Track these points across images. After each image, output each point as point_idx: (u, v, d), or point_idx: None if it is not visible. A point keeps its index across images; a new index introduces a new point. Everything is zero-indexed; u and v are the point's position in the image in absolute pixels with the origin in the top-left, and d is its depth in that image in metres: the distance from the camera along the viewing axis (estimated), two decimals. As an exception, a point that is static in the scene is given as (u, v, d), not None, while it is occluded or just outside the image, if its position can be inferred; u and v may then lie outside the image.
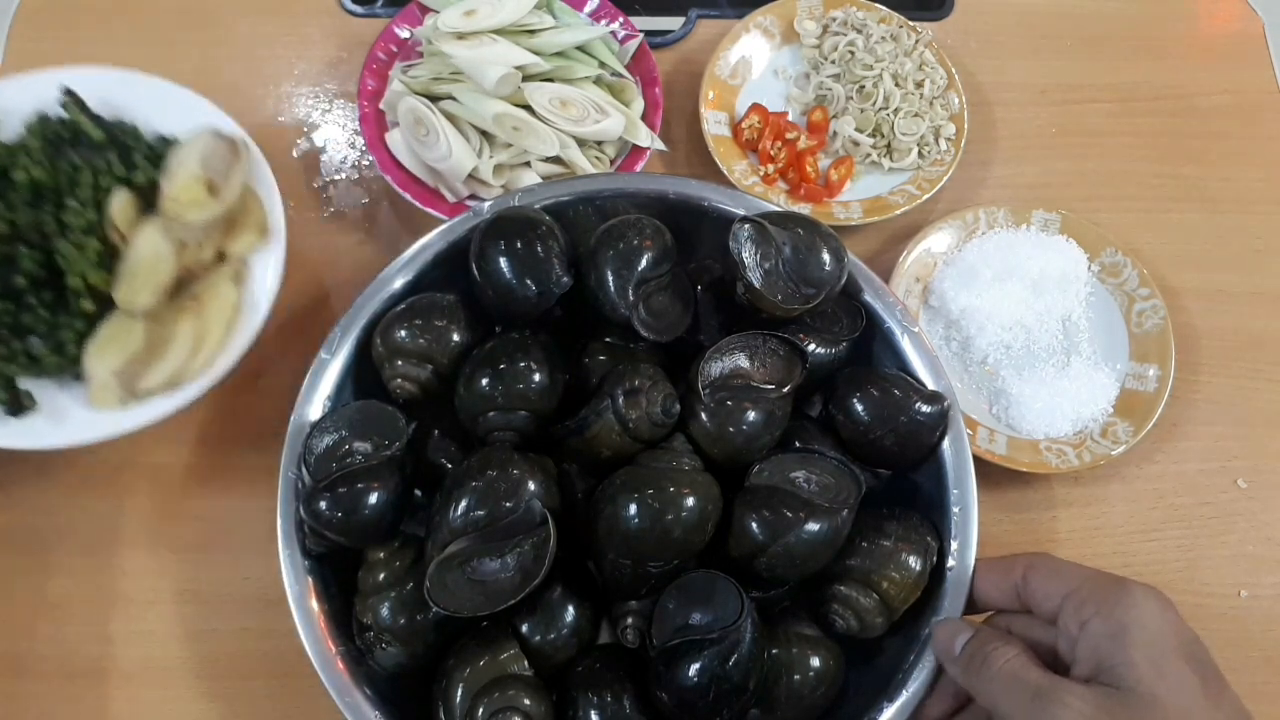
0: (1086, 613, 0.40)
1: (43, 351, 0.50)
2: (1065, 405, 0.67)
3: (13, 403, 0.50)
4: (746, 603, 0.47)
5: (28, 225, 0.51)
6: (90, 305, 0.50)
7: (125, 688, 0.59)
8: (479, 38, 0.71)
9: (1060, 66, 0.83)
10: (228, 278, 0.52)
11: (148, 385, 0.50)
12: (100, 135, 0.53)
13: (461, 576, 0.47)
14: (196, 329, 0.51)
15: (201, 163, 0.53)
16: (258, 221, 0.53)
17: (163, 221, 0.51)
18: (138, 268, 0.50)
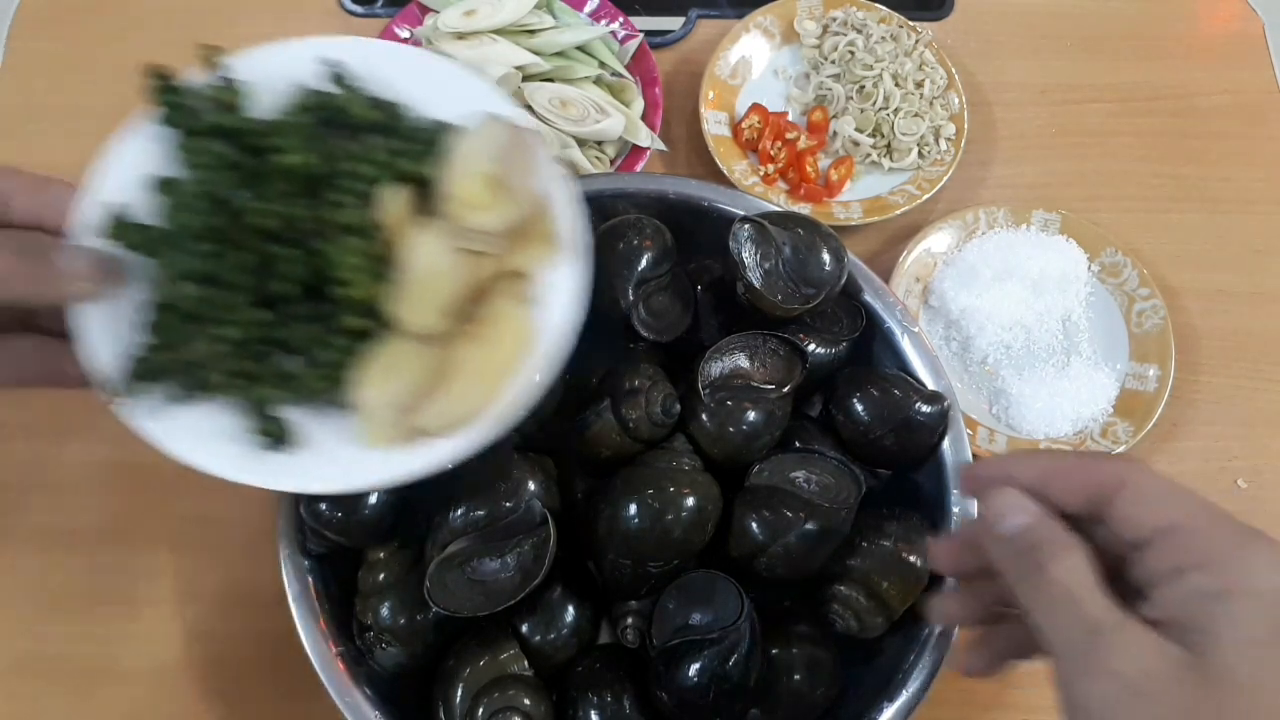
0: (1189, 559, 0.31)
1: (300, 371, 0.40)
2: (1065, 405, 0.67)
3: (271, 433, 0.39)
4: (746, 603, 0.47)
5: (297, 221, 0.40)
6: (358, 321, 0.39)
7: (125, 688, 0.59)
8: (479, 38, 0.71)
9: (1060, 66, 0.83)
10: (516, 297, 0.41)
11: (428, 422, 0.39)
12: (374, 116, 0.41)
13: (461, 576, 0.47)
14: (484, 358, 0.40)
15: (491, 158, 0.40)
16: (553, 231, 0.42)
17: (445, 226, 0.40)
18: (417, 281, 0.39)
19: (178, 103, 0.40)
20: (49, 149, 0.76)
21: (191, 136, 0.40)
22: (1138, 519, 0.33)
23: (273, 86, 0.42)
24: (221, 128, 0.40)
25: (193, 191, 0.39)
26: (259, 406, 0.39)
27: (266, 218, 0.39)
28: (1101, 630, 0.31)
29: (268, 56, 0.43)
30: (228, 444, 0.40)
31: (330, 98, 0.41)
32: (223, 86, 0.41)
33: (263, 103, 0.42)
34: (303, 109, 0.41)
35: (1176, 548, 0.32)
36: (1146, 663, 0.30)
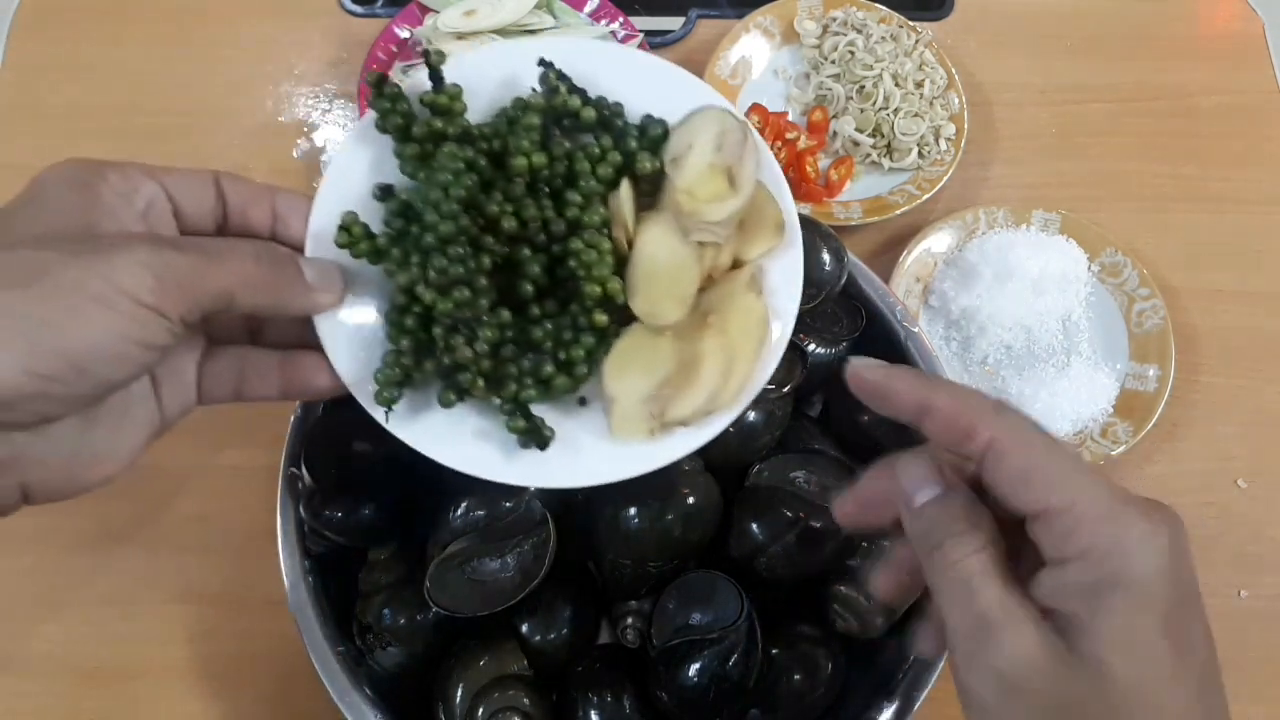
0: (1069, 549, 0.30)
1: (550, 372, 0.40)
2: (1065, 405, 0.67)
3: (534, 433, 0.39)
4: (746, 603, 0.47)
5: (533, 221, 0.40)
6: (604, 318, 0.40)
7: (125, 688, 0.59)
8: (479, 38, 0.71)
9: (1060, 66, 0.83)
10: (747, 286, 0.41)
11: (678, 414, 0.40)
12: (592, 115, 0.42)
13: (461, 576, 0.47)
14: (725, 347, 0.41)
15: (716, 146, 0.41)
16: (772, 219, 0.42)
17: (673, 219, 0.40)
18: (655, 274, 0.40)
19: (396, 109, 0.40)
20: (49, 149, 0.76)
21: (413, 143, 0.40)
22: (1014, 496, 0.31)
23: (483, 89, 0.43)
24: (443, 133, 0.40)
25: (444, 194, 0.38)
26: (523, 405, 0.40)
27: (516, 220, 0.40)
28: (988, 622, 0.30)
29: (479, 58, 0.43)
30: (485, 446, 0.40)
31: (555, 98, 0.42)
32: (438, 90, 0.40)
33: (476, 107, 0.42)
34: (529, 110, 0.41)
35: (1052, 534, 0.31)
36: (1024, 657, 0.29)
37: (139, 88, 0.78)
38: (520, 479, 0.40)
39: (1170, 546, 0.30)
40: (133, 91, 0.78)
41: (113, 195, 0.34)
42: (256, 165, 0.75)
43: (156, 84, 0.78)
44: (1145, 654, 0.29)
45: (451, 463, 0.39)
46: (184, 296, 0.32)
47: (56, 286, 0.30)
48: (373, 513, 0.49)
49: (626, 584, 0.50)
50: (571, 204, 0.40)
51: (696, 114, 0.42)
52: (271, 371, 0.39)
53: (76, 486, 0.34)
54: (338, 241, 0.39)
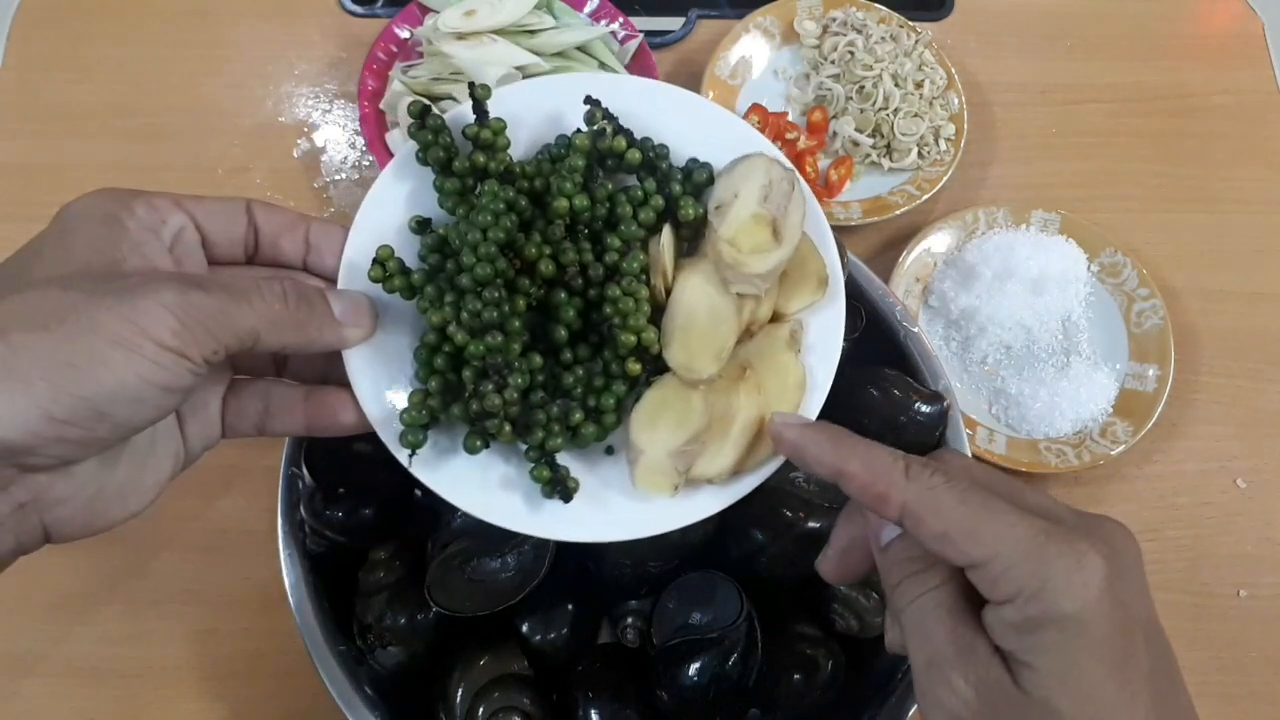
0: (997, 595, 0.30)
1: (579, 419, 0.39)
2: (1065, 405, 0.67)
3: (559, 484, 0.38)
4: (746, 603, 0.47)
5: (571, 265, 0.39)
6: (637, 367, 0.39)
7: (125, 688, 0.59)
8: (479, 38, 0.71)
9: (1060, 66, 0.83)
10: (785, 343, 0.40)
11: (705, 472, 0.39)
12: (637, 156, 0.40)
13: (461, 576, 0.47)
14: (759, 406, 0.39)
15: (761, 197, 0.40)
16: (816, 272, 0.41)
17: (713, 269, 0.39)
18: (692, 326, 0.39)
19: (438, 141, 0.39)
20: (49, 149, 0.76)
21: (454, 178, 0.40)
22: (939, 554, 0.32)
23: (528, 123, 0.42)
24: (484, 169, 0.39)
25: (483, 236, 0.37)
26: (549, 455, 0.38)
27: (554, 263, 0.39)
28: (936, 660, 0.31)
29: (521, 92, 0.42)
30: (509, 494, 0.39)
31: (602, 140, 0.40)
32: (481, 124, 0.39)
33: (519, 139, 0.41)
34: (574, 150, 0.40)
35: (983, 582, 0.31)
36: (968, 695, 0.30)
37: (139, 88, 0.78)
38: (542, 530, 0.39)
39: (1104, 574, 0.30)
40: (133, 91, 0.78)
41: (139, 228, 0.34)
42: (256, 165, 0.76)
43: (157, 84, 0.78)
44: (1086, 688, 0.29)
45: (474, 510, 0.39)
46: (208, 338, 0.31)
47: (79, 329, 0.29)
48: (373, 513, 0.49)
49: (627, 584, 0.50)
50: (611, 248, 0.39)
51: (743, 161, 0.41)
52: (297, 406, 0.39)
53: (100, 525, 0.34)
54: (371, 275, 0.38)
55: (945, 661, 0.31)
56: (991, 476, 0.34)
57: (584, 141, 0.40)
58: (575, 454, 0.40)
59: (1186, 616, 0.64)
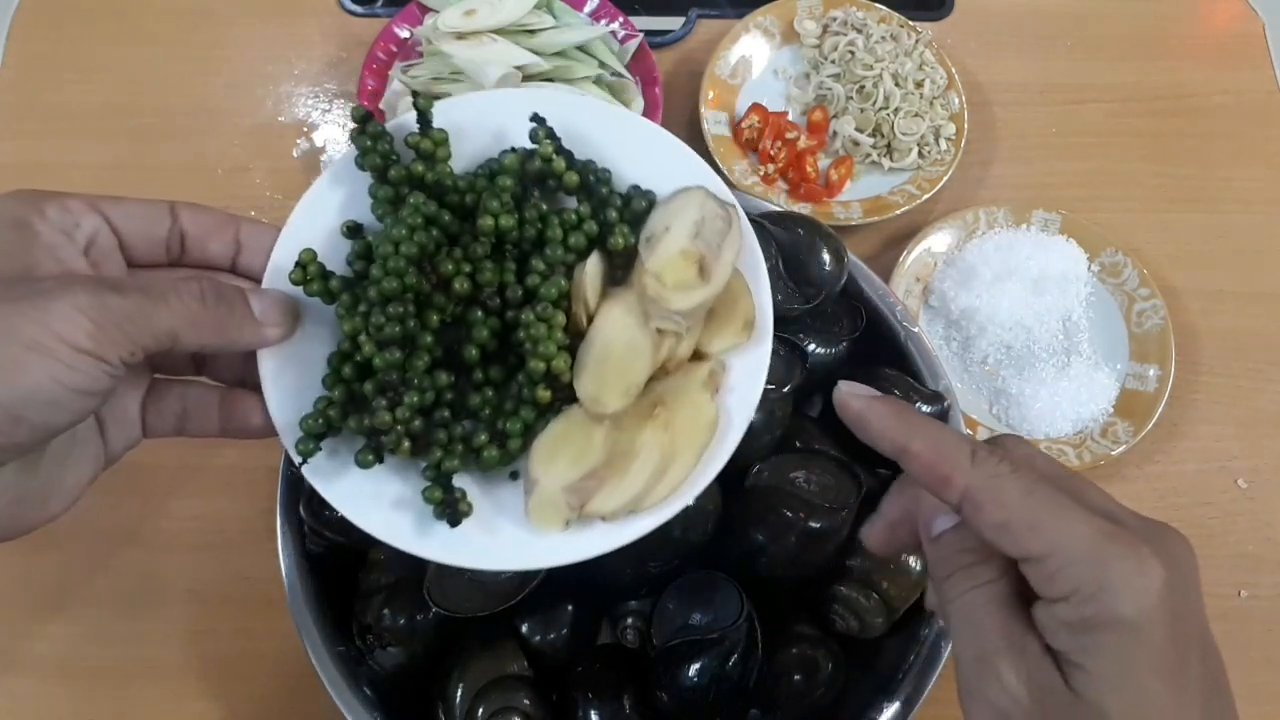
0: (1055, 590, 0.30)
1: (483, 441, 0.38)
2: (1065, 405, 0.67)
3: (449, 507, 0.37)
4: (746, 603, 0.47)
5: (489, 285, 0.39)
6: (547, 394, 0.38)
7: (125, 688, 0.59)
8: (479, 37, 0.71)
9: (1060, 66, 0.83)
10: (701, 383, 0.39)
11: (598, 508, 0.38)
12: (575, 180, 0.40)
13: (461, 577, 0.47)
14: (663, 445, 0.38)
15: (691, 234, 0.39)
16: (744, 314, 0.40)
17: (636, 302, 0.38)
18: (607, 358, 0.38)
19: (376, 148, 0.39)
20: (48, 149, 0.76)
21: (388, 185, 0.39)
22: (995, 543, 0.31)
23: (473, 135, 0.41)
24: (420, 179, 0.39)
25: (394, 250, 0.37)
26: (444, 476, 0.38)
27: (470, 281, 0.38)
28: (987, 656, 0.31)
29: (469, 104, 0.42)
30: (400, 514, 0.38)
31: (537, 158, 0.40)
32: (424, 134, 0.39)
33: (463, 152, 0.41)
34: (519, 171, 0.40)
35: (1038, 577, 0.30)
36: (1017, 693, 0.30)
37: (139, 88, 0.78)
38: (429, 553, 0.38)
39: (1164, 581, 0.29)
40: (133, 91, 0.78)
41: (52, 232, 0.33)
42: (256, 165, 0.76)
43: (156, 84, 0.78)
44: (1139, 694, 0.29)
45: (364, 525, 0.38)
46: (124, 340, 0.31)
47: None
48: (372, 513, 0.49)
49: (627, 584, 0.50)
50: (535, 270, 0.39)
51: (681, 193, 0.40)
52: (213, 408, 0.39)
53: (21, 529, 0.34)
54: (292, 278, 0.38)
55: (997, 658, 0.30)
56: (1055, 469, 0.33)
57: (513, 162, 0.40)
58: (477, 477, 0.39)
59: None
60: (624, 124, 0.42)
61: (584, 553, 0.38)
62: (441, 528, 0.38)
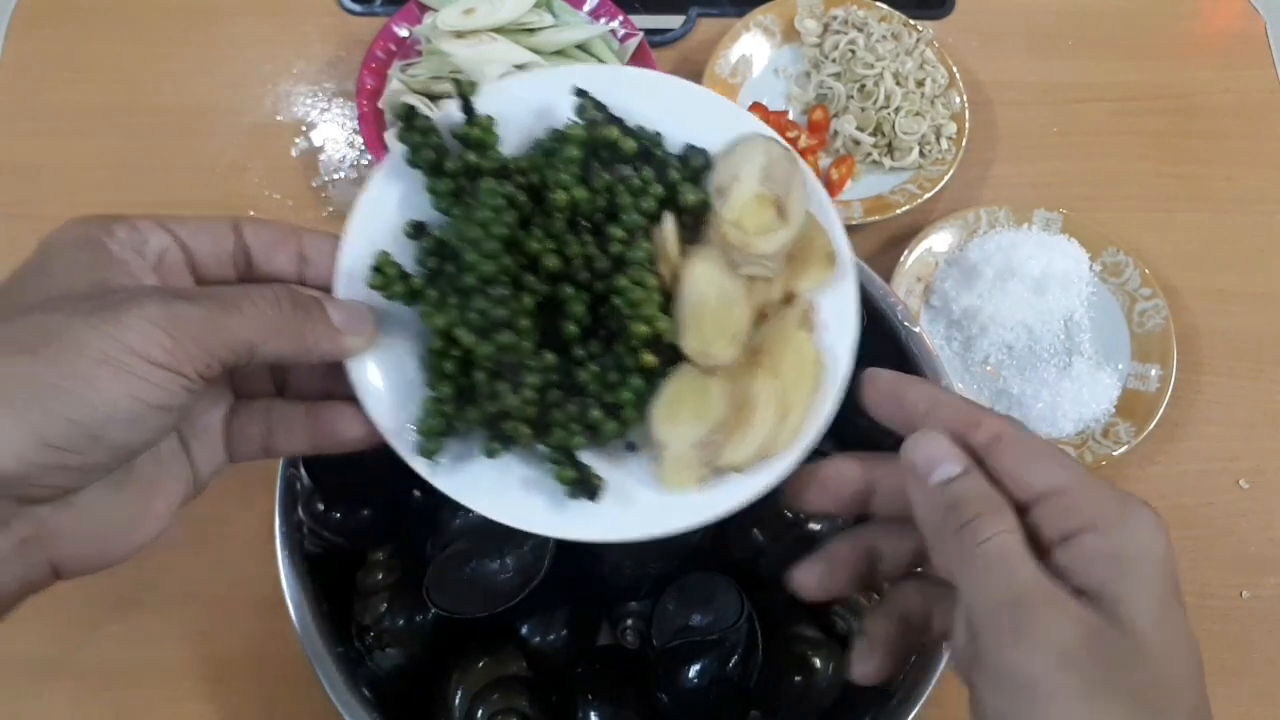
0: (1078, 522, 0.31)
1: (598, 417, 0.38)
2: (1067, 405, 0.66)
3: (583, 484, 0.37)
4: (747, 604, 0.47)
5: (577, 258, 0.38)
6: (653, 359, 0.38)
7: (125, 688, 0.59)
8: (478, 36, 0.71)
9: (1062, 65, 0.82)
10: (798, 322, 0.39)
11: (731, 460, 0.38)
12: (633, 146, 0.40)
13: (461, 577, 0.47)
14: (777, 390, 0.38)
15: (763, 177, 0.39)
16: (823, 250, 0.40)
17: (719, 253, 0.39)
18: (704, 311, 0.38)
19: (427, 142, 0.38)
20: (46, 148, 0.76)
21: (447, 178, 0.39)
22: (1022, 474, 0.33)
23: (516, 120, 0.41)
24: (478, 168, 0.38)
25: (484, 233, 0.36)
26: (570, 455, 0.37)
27: (559, 257, 0.38)
28: (1029, 599, 0.30)
29: (509, 89, 0.41)
30: (532, 496, 0.38)
31: (594, 129, 0.39)
32: (471, 123, 0.39)
33: (508, 138, 0.40)
34: (568, 141, 0.39)
35: (1063, 511, 0.32)
36: (1071, 632, 0.30)
37: (137, 87, 0.78)
38: (570, 532, 0.38)
39: (1166, 536, 0.31)
40: (131, 91, 0.78)
41: (122, 249, 0.33)
42: (254, 164, 0.75)
43: (155, 83, 0.78)
44: (1173, 621, 0.30)
45: (498, 516, 0.37)
46: (200, 351, 0.30)
47: (65, 350, 0.28)
48: (372, 513, 0.49)
49: (627, 585, 0.50)
50: (615, 239, 0.38)
51: (741, 143, 0.40)
52: (298, 423, 0.37)
53: (111, 558, 0.32)
54: (370, 283, 0.37)
55: (1039, 599, 0.30)
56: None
57: (578, 131, 0.39)
58: (596, 451, 0.39)
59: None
60: (662, 87, 0.43)
61: (726, 506, 0.38)
62: (575, 505, 0.37)
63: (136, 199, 0.73)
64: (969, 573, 0.32)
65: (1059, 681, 0.29)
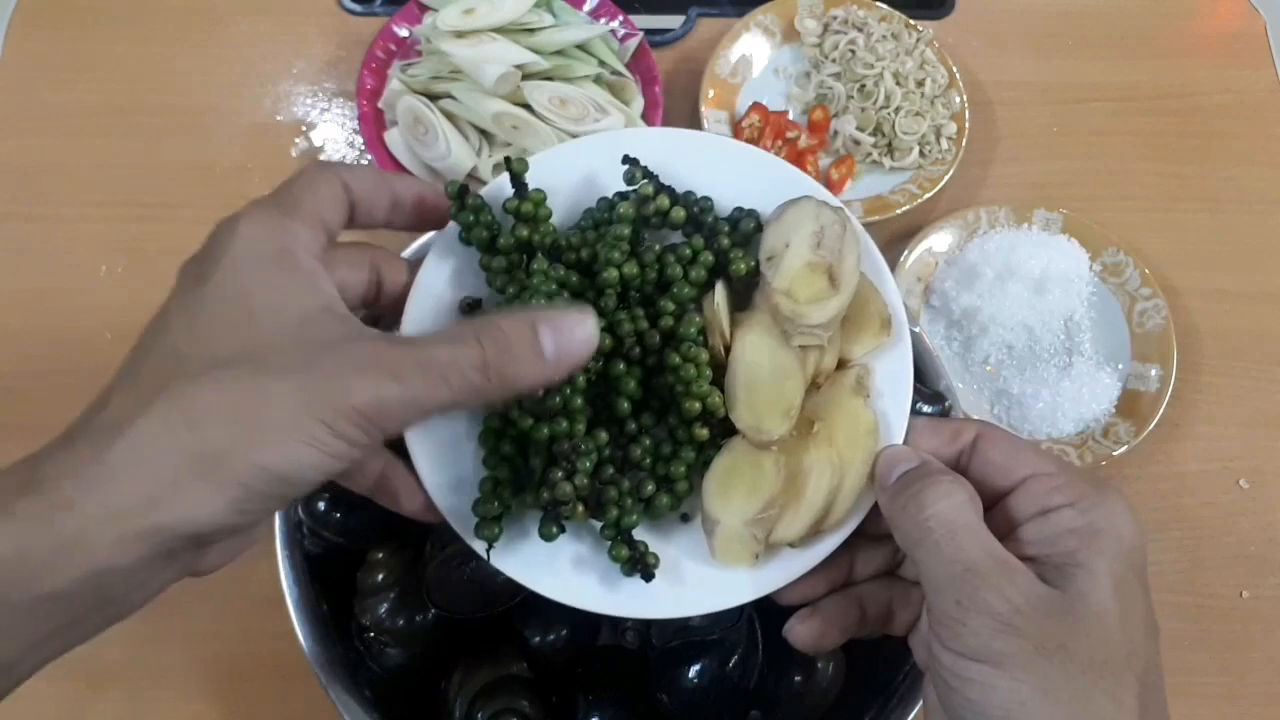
0: (1056, 500, 0.33)
1: (651, 491, 0.38)
2: (1067, 405, 0.66)
3: (638, 562, 0.36)
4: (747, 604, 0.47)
5: (629, 336, 0.38)
6: (704, 432, 0.38)
7: (124, 688, 0.59)
8: (478, 36, 0.71)
9: (1061, 65, 0.82)
10: (851, 390, 0.38)
11: (785, 536, 0.37)
12: (682, 215, 0.39)
13: (461, 577, 0.47)
14: (832, 460, 0.38)
15: (814, 243, 0.38)
16: (878, 313, 0.39)
17: (770, 323, 0.38)
18: (757, 384, 0.38)
19: (479, 221, 0.38)
20: (46, 148, 0.76)
21: (500, 255, 0.39)
22: (1005, 462, 0.36)
23: (564, 187, 0.41)
24: (528, 242, 0.39)
25: None
26: (625, 532, 0.37)
27: (611, 335, 0.38)
28: (979, 568, 0.32)
29: (556, 157, 0.41)
30: (585, 575, 0.38)
31: (647, 205, 0.39)
32: (521, 197, 0.39)
33: (557, 205, 0.40)
34: (620, 220, 0.39)
35: (1044, 490, 0.34)
36: (1016, 599, 0.31)
37: (137, 86, 0.78)
38: (623, 610, 0.38)
39: (1138, 523, 0.34)
40: (131, 90, 0.78)
41: (307, 257, 0.32)
42: (254, 164, 0.75)
43: (155, 83, 0.78)
44: (1129, 597, 0.32)
45: (553, 594, 0.38)
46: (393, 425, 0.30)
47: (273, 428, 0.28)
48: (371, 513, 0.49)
49: (626, 585, 0.50)
50: (665, 312, 0.38)
51: (790, 207, 0.39)
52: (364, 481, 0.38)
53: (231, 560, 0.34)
54: None
55: (989, 568, 0.32)
56: None
57: (629, 210, 0.39)
58: (647, 525, 0.39)
59: (1189, 617, 0.64)
60: (709, 148, 0.43)
61: (777, 581, 0.38)
62: (629, 583, 0.37)
63: (136, 199, 0.73)
64: (923, 548, 0.33)
65: (1006, 647, 0.30)
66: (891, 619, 0.39)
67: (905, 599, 0.39)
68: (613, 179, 0.40)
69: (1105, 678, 0.30)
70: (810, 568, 0.38)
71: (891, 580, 0.40)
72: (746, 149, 0.43)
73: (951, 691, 0.32)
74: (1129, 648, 0.31)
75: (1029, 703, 0.30)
